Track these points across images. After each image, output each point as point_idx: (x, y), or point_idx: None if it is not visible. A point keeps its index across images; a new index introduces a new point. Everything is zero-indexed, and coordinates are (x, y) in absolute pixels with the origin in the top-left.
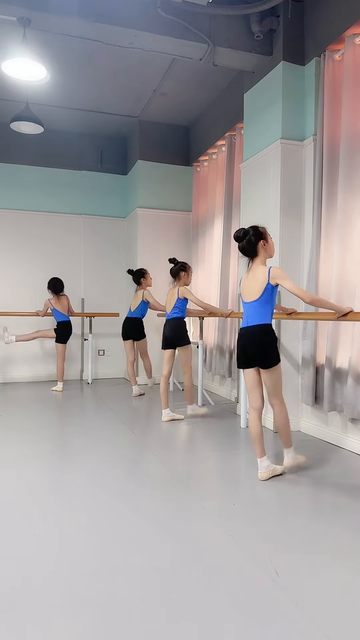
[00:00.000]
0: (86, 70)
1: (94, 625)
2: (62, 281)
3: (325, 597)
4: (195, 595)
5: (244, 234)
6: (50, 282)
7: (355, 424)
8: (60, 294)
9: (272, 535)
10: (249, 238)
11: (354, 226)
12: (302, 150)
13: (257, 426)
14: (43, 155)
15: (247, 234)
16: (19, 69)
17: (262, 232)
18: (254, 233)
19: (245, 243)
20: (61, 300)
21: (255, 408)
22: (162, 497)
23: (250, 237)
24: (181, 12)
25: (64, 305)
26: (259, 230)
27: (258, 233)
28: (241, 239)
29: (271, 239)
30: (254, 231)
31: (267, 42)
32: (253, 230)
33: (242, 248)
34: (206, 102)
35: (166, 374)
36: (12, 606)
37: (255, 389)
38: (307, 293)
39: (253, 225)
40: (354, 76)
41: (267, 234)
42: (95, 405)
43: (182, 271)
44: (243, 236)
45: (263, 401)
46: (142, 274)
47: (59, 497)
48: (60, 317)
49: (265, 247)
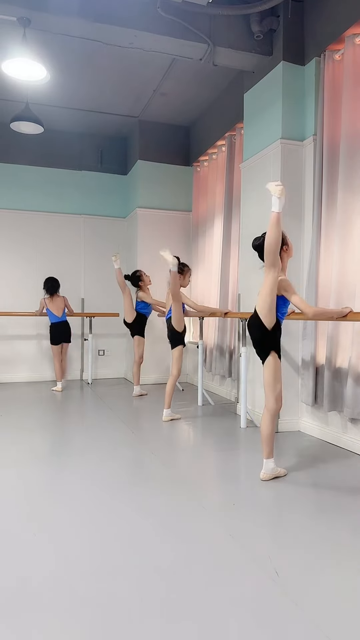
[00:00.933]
0: (86, 70)
1: (93, 625)
2: (58, 281)
3: (325, 597)
4: (195, 595)
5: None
6: (45, 282)
7: (355, 424)
8: (56, 295)
9: (272, 535)
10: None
11: (354, 226)
12: (302, 150)
13: (268, 427)
14: (43, 155)
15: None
16: (19, 69)
17: (283, 238)
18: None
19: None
20: (55, 301)
21: (267, 408)
22: (162, 496)
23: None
24: (181, 12)
25: (58, 306)
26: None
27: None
28: (261, 247)
29: (289, 239)
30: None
31: (267, 42)
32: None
33: (263, 257)
34: (206, 102)
35: (176, 374)
36: (12, 606)
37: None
38: (311, 308)
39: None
40: (354, 76)
41: (286, 238)
42: (95, 405)
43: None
44: (263, 244)
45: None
46: (138, 277)
47: (58, 497)
48: (54, 319)
49: (287, 251)
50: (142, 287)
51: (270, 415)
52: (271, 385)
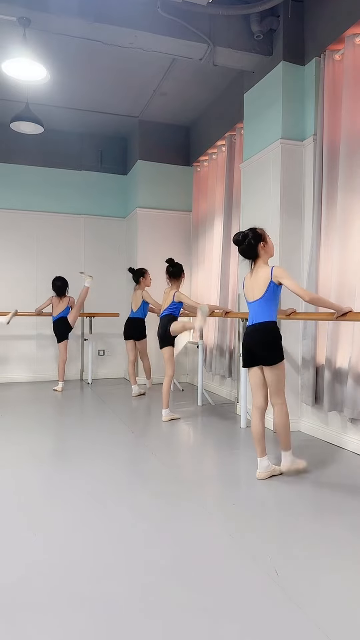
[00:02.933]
0: (86, 70)
1: (93, 625)
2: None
3: (325, 597)
4: (195, 595)
5: (243, 238)
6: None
7: (355, 424)
8: (63, 296)
9: (271, 535)
10: (249, 241)
11: (354, 226)
12: (302, 150)
13: (259, 426)
14: (43, 155)
15: (247, 237)
16: (19, 69)
17: (261, 234)
18: (253, 236)
19: (245, 246)
20: (63, 302)
21: (258, 407)
22: (161, 497)
23: (250, 240)
24: (181, 12)
25: (60, 307)
26: (257, 232)
27: (257, 235)
28: (241, 242)
29: (270, 239)
30: (253, 234)
31: (267, 42)
32: (252, 233)
33: (243, 251)
34: (206, 102)
35: (171, 374)
36: (12, 606)
37: (260, 389)
38: (307, 292)
39: (251, 227)
40: (354, 76)
41: (265, 235)
42: (95, 405)
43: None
44: (242, 239)
45: (267, 401)
46: (141, 274)
47: (58, 496)
48: (55, 317)
49: (265, 248)
50: (141, 283)
51: (261, 414)
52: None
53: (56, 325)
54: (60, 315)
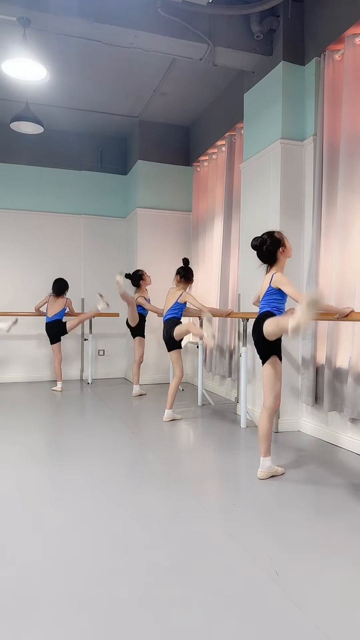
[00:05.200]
0: (86, 70)
1: (93, 625)
2: (67, 283)
3: (325, 597)
4: (195, 595)
5: (262, 243)
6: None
7: (355, 424)
8: (59, 296)
9: (272, 535)
10: (267, 247)
11: (354, 226)
12: (302, 150)
13: (266, 425)
14: (43, 155)
15: (265, 243)
16: (19, 69)
17: (280, 239)
18: (271, 242)
19: (264, 252)
20: (58, 302)
21: (265, 407)
22: (161, 496)
23: (268, 246)
24: (181, 12)
25: (55, 308)
26: (275, 237)
27: (275, 241)
28: (259, 247)
29: (288, 241)
30: (271, 240)
31: (267, 42)
32: (270, 239)
33: (261, 256)
34: (206, 102)
35: (180, 375)
36: (12, 606)
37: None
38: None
39: (269, 231)
40: (354, 76)
41: (284, 240)
42: (95, 405)
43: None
44: (261, 245)
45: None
46: (140, 276)
47: (58, 496)
48: (47, 319)
49: (285, 252)
50: (141, 286)
51: (268, 414)
52: (271, 384)
53: (49, 327)
54: (55, 317)
